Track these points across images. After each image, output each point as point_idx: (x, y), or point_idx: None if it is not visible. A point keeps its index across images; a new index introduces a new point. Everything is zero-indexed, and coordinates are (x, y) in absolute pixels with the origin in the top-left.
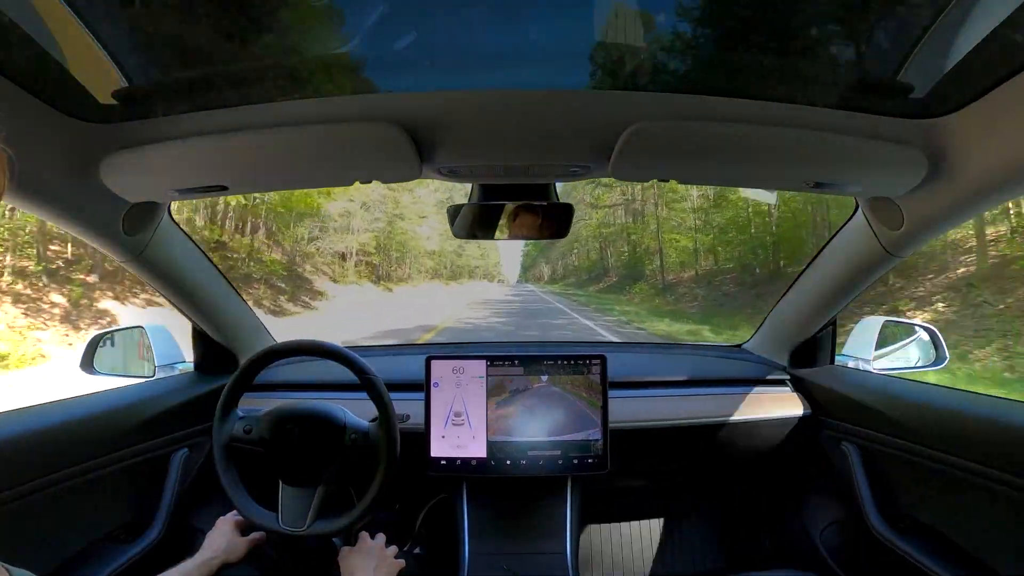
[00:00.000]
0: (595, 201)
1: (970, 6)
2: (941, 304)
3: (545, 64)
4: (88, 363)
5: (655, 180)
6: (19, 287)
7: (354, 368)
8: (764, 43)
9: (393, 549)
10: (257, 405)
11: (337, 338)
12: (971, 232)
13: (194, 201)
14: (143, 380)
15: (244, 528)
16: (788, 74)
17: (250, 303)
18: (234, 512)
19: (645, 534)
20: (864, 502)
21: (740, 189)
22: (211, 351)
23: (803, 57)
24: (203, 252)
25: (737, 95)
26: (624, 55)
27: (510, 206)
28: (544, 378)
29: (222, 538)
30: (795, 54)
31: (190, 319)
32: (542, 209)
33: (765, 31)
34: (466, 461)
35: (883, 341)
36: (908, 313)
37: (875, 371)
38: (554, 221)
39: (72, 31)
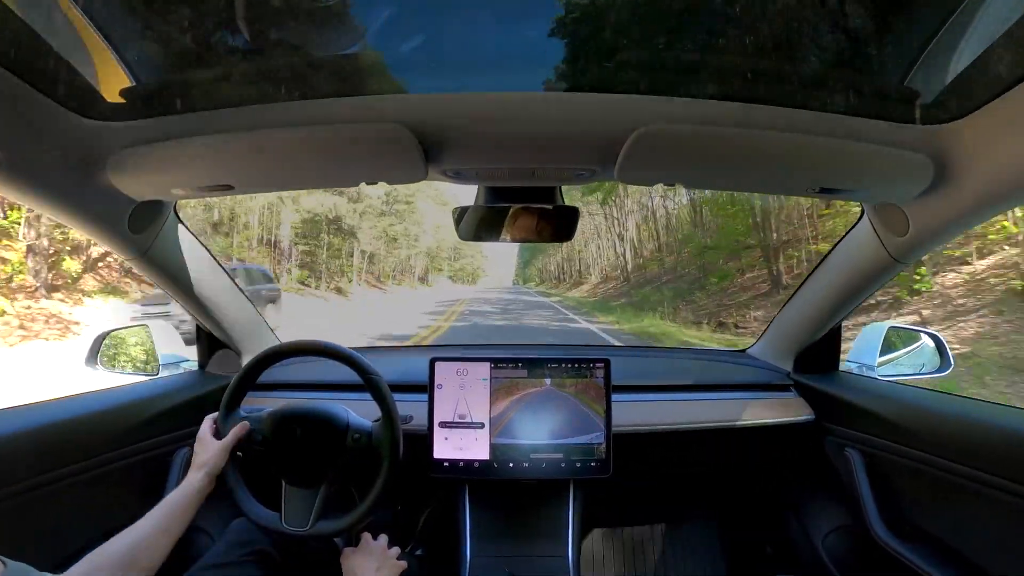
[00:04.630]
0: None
1: (977, 12)
2: None
3: (552, 67)
4: (92, 360)
5: (661, 185)
6: None
7: (358, 369)
8: (772, 48)
9: (395, 550)
10: (260, 404)
11: None
12: None
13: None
14: (147, 378)
15: (217, 433)
16: (795, 79)
17: None
18: (211, 417)
19: (647, 539)
20: (867, 509)
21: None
22: (215, 350)
23: (811, 62)
24: (208, 251)
25: (745, 100)
26: (631, 58)
27: (515, 208)
28: (548, 381)
29: (203, 453)
30: (803, 59)
31: (194, 317)
32: (547, 212)
33: (773, 36)
34: (469, 463)
35: (887, 347)
36: None
37: (879, 377)
38: (559, 223)
39: (80, 30)
